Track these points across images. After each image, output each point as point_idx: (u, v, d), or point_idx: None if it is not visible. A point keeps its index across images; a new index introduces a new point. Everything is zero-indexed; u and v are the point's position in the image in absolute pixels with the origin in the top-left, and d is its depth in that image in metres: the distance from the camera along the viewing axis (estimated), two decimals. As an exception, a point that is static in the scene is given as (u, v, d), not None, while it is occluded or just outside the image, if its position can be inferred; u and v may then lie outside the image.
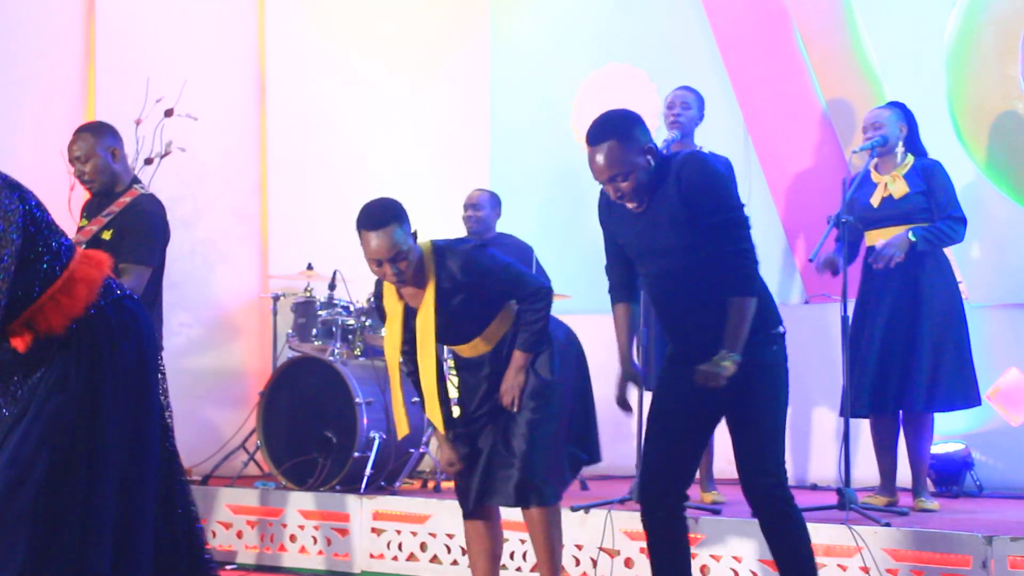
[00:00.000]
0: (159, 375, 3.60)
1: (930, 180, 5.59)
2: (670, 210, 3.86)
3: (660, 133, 6.56)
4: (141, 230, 4.99)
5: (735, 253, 3.84)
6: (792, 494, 3.97)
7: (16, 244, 3.22)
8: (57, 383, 3.31)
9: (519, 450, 4.28)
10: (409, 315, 4.36)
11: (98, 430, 3.33)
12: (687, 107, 5.97)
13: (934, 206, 5.57)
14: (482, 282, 4.28)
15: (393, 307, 4.39)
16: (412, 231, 4.26)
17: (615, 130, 3.86)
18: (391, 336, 4.42)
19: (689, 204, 3.84)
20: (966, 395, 5.59)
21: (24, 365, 3.34)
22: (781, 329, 3.98)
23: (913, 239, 5.48)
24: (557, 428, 4.40)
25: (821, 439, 6.77)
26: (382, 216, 4.21)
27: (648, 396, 5.83)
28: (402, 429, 4.51)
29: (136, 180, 5.21)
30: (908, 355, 5.52)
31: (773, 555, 4.02)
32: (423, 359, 4.33)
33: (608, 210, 4.09)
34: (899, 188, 5.60)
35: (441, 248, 4.34)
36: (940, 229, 5.53)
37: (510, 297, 4.34)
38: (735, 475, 4.00)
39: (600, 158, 3.84)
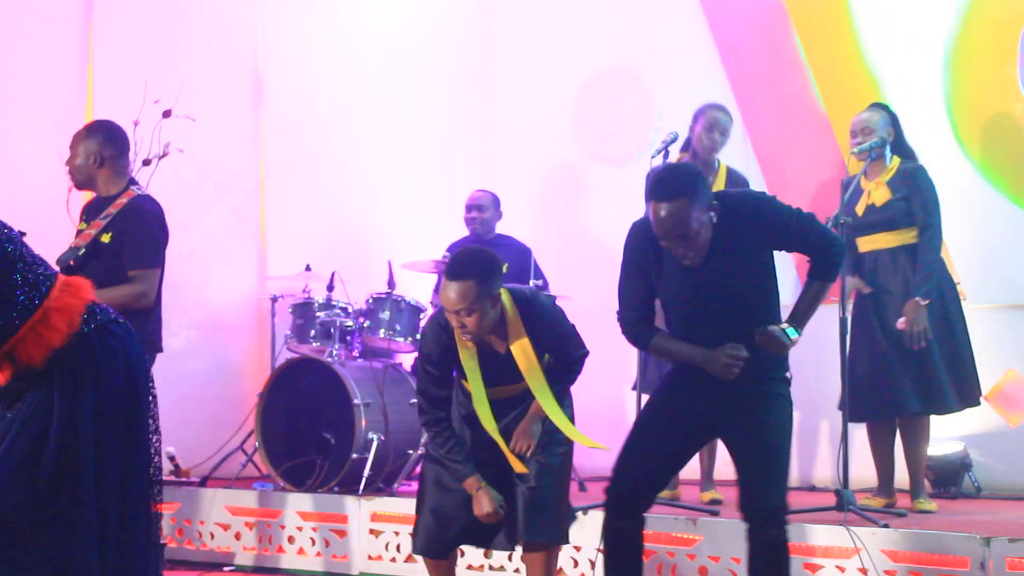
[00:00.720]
0: (151, 397, 3.57)
1: (912, 186, 5.60)
2: (736, 248, 3.91)
3: (659, 135, 6.57)
4: (143, 233, 5.01)
5: (831, 243, 3.99)
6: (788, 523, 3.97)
7: None
8: (39, 409, 3.30)
9: (540, 489, 4.32)
10: (490, 362, 4.35)
11: (81, 454, 3.30)
12: (724, 133, 5.93)
13: (916, 210, 5.57)
14: (540, 327, 4.29)
15: (467, 356, 4.34)
16: (496, 289, 4.21)
17: (685, 188, 3.83)
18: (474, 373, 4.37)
19: (768, 238, 3.95)
20: (966, 395, 5.59)
21: (5, 397, 3.34)
22: (789, 375, 4.09)
23: (924, 302, 5.47)
24: (567, 471, 4.48)
25: (819, 441, 6.79)
26: (463, 269, 4.18)
27: (646, 397, 5.90)
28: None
29: (133, 181, 5.21)
30: (908, 358, 5.52)
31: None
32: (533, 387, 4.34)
33: (656, 256, 4.03)
34: (881, 195, 5.63)
35: (524, 299, 4.32)
36: (927, 262, 5.53)
37: (556, 352, 4.34)
38: (733, 477, 4.01)
39: (665, 215, 3.82)
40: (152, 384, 3.58)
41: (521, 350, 4.26)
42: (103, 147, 5.14)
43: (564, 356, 4.36)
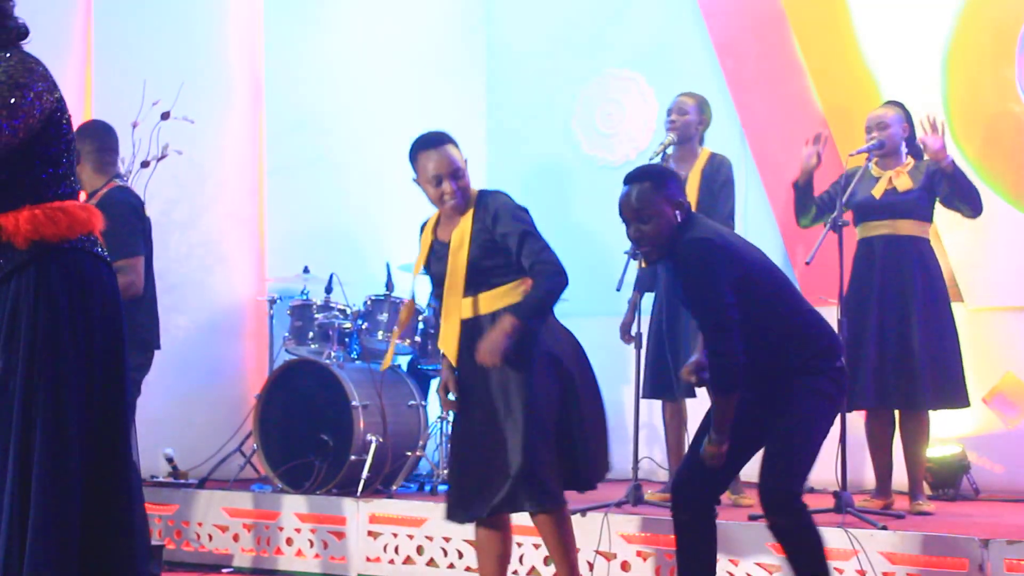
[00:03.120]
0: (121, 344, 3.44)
1: (932, 179, 5.64)
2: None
3: (659, 136, 6.58)
4: (119, 224, 4.97)
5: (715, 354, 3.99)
6: (801, 507, 4.00)
7: (33, 121, 3.22)
8: (11, 315, 3.26)
9: (519, 457, 4.19)
10: (435, 249, 4.40)
11: (36, 373, 3.24)
12: (683, 112, 6.00)
13: (943, 197, 5.64)
14: (488, 211, 4.28)
15: (424, 241, 4.47)
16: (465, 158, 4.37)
17: (651, 174, 4.09)
18: (417, 266, 4.50)
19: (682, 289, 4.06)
20: (950, 396, 5.60)
21: None
22: (838, 364, 4.09)
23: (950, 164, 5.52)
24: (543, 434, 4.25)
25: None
26: (440, 136, 4.37)
27: (644, 400, 5.90)
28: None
29: (118, 177, 5.19)
30: (900, 353, 5.54)
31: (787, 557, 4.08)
32: (451, 283, 4.29)
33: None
34: (903, 183, 5.66)
35: (483, 190, 4.42)
36: (973, 185, 5.59)
37: (513, 246, 4.22)
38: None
39: (627, 195, 4.05)
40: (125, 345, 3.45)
41: (459, 230, 4.30)
42: (80, 142, 5.12)
43: (524, 254, 4.20)
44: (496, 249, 4.26)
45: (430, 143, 4.35)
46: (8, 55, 3.26)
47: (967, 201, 5.60)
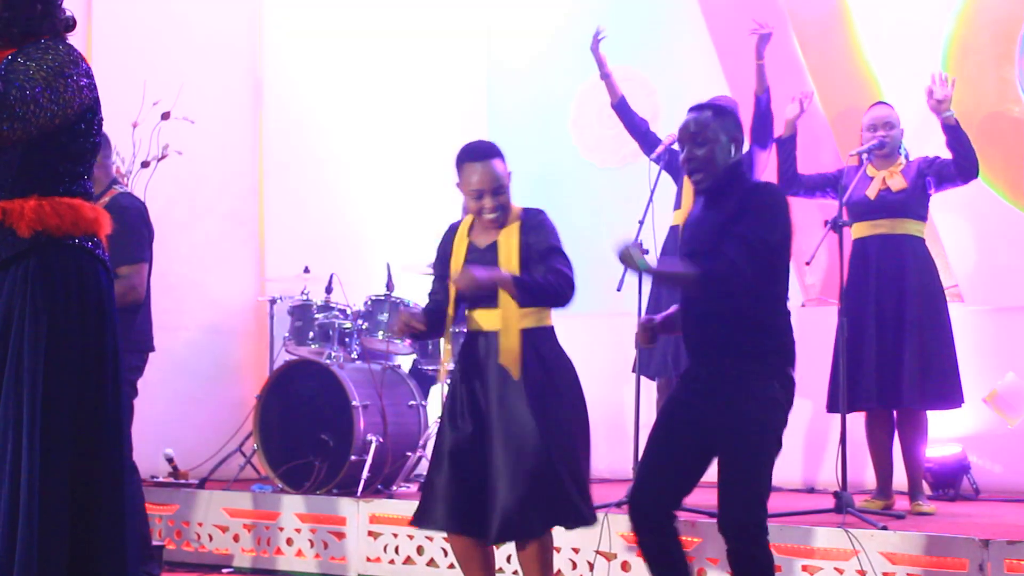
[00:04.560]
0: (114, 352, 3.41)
1: (923, 172, 5.67)
2: (721, 217, 3.97)
3: (657, 137, 6.57)
4: (124, 230, 4.97)
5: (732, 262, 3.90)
6: (765, 537, 3.87)
7: (71, 111, 3.24)
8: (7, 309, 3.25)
9: (517, 484, 4.13)
10: (472, 253, 4.35)
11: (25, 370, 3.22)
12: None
13: (936, 178, 5.66)
14: (535, 232, 4.29)
15: (459, 245, 4.40)
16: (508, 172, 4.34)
17: (713, 106, 4.11)
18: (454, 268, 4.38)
19: (739, 219, 3.93)
20: (943, 396, 5.60)
21: None
22: (791, 372, 4.00)
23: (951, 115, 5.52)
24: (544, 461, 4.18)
25: (818, 443, 6.78)
26: (488, 149, 4.33)
27: (643, 394, 5.90)
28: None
29: (115, 182, 5.20)
30: (896, 352, 5.55)
31: None
32: (505, 297, 4.23)
33: None
34: (897, 182, 5.68)
35: (527, 208, 4.41)
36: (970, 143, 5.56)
37: (543, 262, 4.25)
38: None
39: (690, 120, 4.06)
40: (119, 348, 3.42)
41: (506, 240, 4.28)
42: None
43: (547, 264, 4.25)
44: (532, 267, 4.26)
45: (477, 155, 4.29)
46: (59, 45, 3.30)
47: (963, 158, 5.53)
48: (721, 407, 3.90)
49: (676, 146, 5.92)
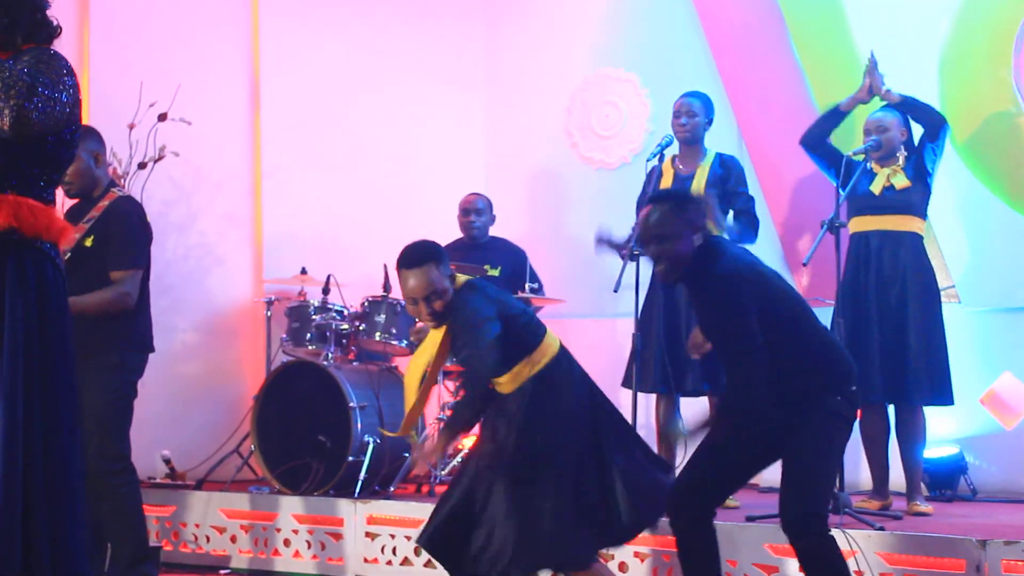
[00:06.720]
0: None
1: (919, 164, 5.80)
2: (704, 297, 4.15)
3: (655, 138, 6.59)
4: (123, 234, 4.98)
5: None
6: (830, 532, 4.05)
7: (72, 115, 3.32)
8: None
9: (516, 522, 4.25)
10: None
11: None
12: (692, 115, 6.04)
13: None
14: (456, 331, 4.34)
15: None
16: (449, 272, 4.33)
17: (671, 198, 4.22)
18: (422, 352, 4.50)
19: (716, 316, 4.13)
20: (939, 392, 5.63)
21: None
22: (853, 387, 4.15)
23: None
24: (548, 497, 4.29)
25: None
26: (422, 255, 4.31)
27: (641, 397, 5.90)
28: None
29: (113, 184, 5.19)
30: (895, 346, 5.58)
31: None
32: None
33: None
34: (900, 181, 5.75)
35: (471, 283, 4.40)
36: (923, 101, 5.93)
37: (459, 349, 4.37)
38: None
39: (650, 218, 4.10)
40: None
41: (433, 340, 4.41)
42: (98, 146, 5.13)
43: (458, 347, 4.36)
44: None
45: (412, 262, 4.30)
46: (51, 51, 3.37)
47: (927, 122, 5.84)
48: (787, 422, 4.05)
49: (676, 149, 5.96)
